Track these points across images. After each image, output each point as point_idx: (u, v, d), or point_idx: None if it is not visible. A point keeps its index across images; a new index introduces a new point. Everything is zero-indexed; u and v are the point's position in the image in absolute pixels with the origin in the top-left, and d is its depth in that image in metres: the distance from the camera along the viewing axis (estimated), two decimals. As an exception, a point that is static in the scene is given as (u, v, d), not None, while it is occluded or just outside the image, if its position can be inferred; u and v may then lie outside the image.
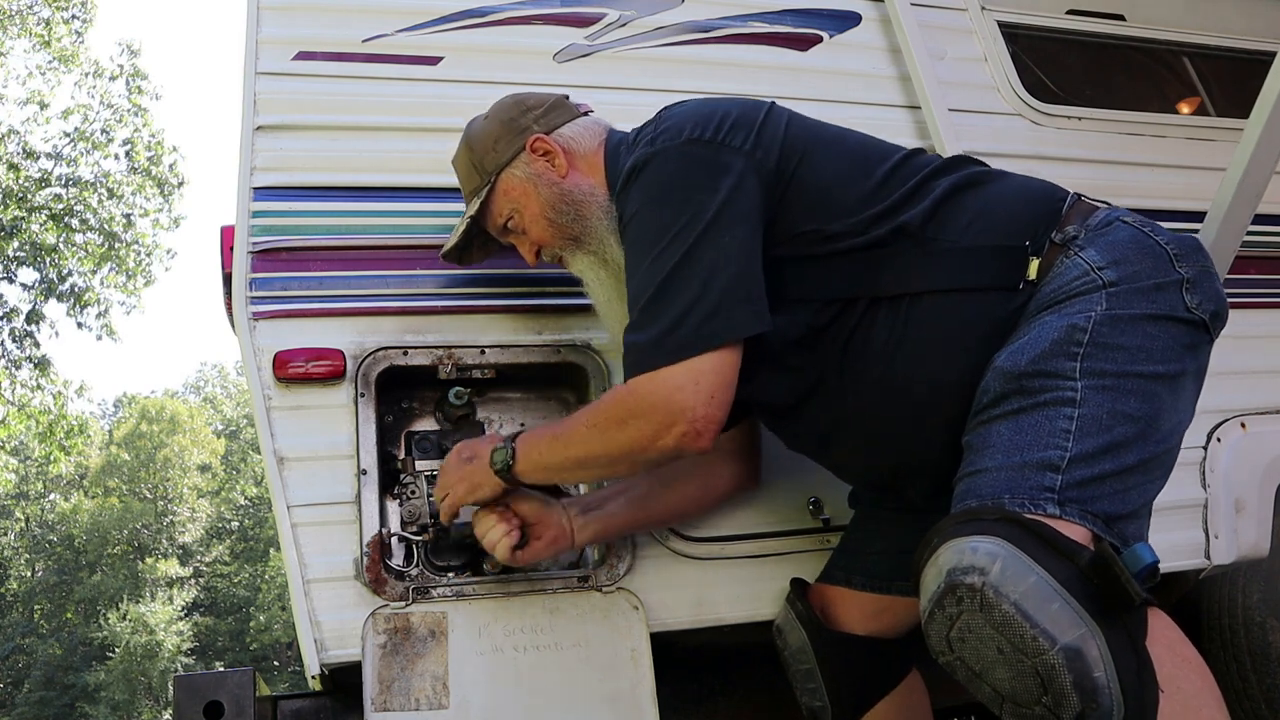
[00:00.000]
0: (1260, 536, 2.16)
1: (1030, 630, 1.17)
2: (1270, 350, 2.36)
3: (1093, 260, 1.43)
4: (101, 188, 12.51)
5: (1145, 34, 2.86)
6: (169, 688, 15.95)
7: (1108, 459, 1.30)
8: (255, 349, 1.80)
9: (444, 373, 1.88)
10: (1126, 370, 1.35)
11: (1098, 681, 1.16)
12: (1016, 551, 1.21)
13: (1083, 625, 1.17)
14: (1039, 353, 1.36)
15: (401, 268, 1.94)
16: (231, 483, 31.38)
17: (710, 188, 1.49)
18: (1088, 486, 1.28)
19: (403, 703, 1.62)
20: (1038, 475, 1.28)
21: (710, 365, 1.43)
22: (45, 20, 12.40)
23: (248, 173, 1.94)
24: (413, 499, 1.82)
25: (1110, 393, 1.33)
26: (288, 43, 2.07)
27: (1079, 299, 1.41)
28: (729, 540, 1.90)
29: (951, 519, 1.31)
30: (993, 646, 1.21)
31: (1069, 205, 1.54)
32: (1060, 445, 1.30)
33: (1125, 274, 1.41)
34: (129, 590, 25.66)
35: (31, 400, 11.76)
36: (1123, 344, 1.36)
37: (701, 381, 1.42)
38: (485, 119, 1.78)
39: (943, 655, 1.28)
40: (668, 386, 1.42)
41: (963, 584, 1.22)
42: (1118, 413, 1.32)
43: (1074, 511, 1.26)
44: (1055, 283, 1.45)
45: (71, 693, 24.23)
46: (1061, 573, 1.19)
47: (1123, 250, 1.44)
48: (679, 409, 1.42)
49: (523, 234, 1.76)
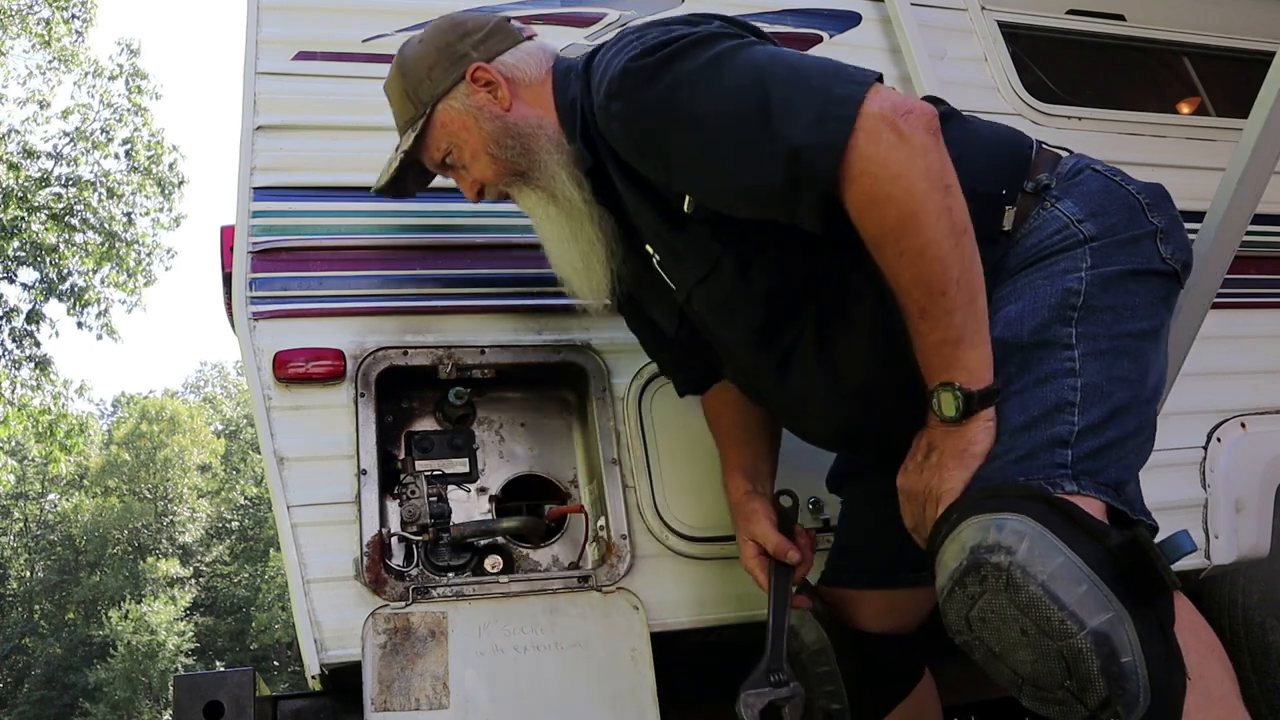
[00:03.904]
0: (1260, 536, 2.16)
1: (1058, 613, 1.13)
2: (1270, 350, 2.36)
3: (1071, 213, 1.39)
4: (101, 187, 12.53)
5: (1145, 34, 2.86)
6: (169, 687, 15.94)
7: (1112, 426, 1.27)
8: (255, 349, 1.80)
9: (444, 373, 1.88)
10: (1117, 332, 1.32)
11: (1125, 667, 1.12)
12: (1044, 530, 1.16)
13: (1111, 609, 1.13)
14: (1038, 322, 1.32)
15: (401, 268, 1.94)
16: (231, 483, 31.38)
17: (723, 34, 1.37)
18: (1097, 457, 1.25)
19: (403, 703, 1.62)
20: (1048, 453, 1.24)
21: (875, 93, 1.24)
22: (45, 20, 12.41)
23: (248, 173, 1.94)
24: (413, 499, 1.82)
25: (1106, 357, 1.30)
26: (288, 43, 2.07)
27: (1063, 256, 1.36)
28: (729, 540, 1.90)
29: (973, 494, 1.26)
30: (1016, 628, 1.17)
31: (1036, 152, 1.48)
32: (1068, 420, 1.26)
33: (1104, 226, 1.38)
34: (129, 590, 25.66)
35: (31, 400, 11.76)
36: (1112, 304, 1.33)
37: (883, 97, 1.24)
38: (420, 42, 1.63)
39: (960, 635, 1.25)
40: (869, 128, 1.22)
41: (988, 562, 1.18)
42: (1115, 377, 1.30)
43: (1088, 485, 1.23)
44: (1034, 237, 1.40)
45: (72, 692, 24.23)
46: (1090, 554, 1.15)
47: (1098, 201, 1.40)
48: (891, 112, 1.23)
49: (463, 169, 1.63)
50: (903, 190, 1.22)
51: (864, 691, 1.66)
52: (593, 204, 1.55)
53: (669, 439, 1.95)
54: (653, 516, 1.88)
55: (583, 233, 1.56)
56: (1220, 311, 1.93)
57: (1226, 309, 2.20)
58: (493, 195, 1.64)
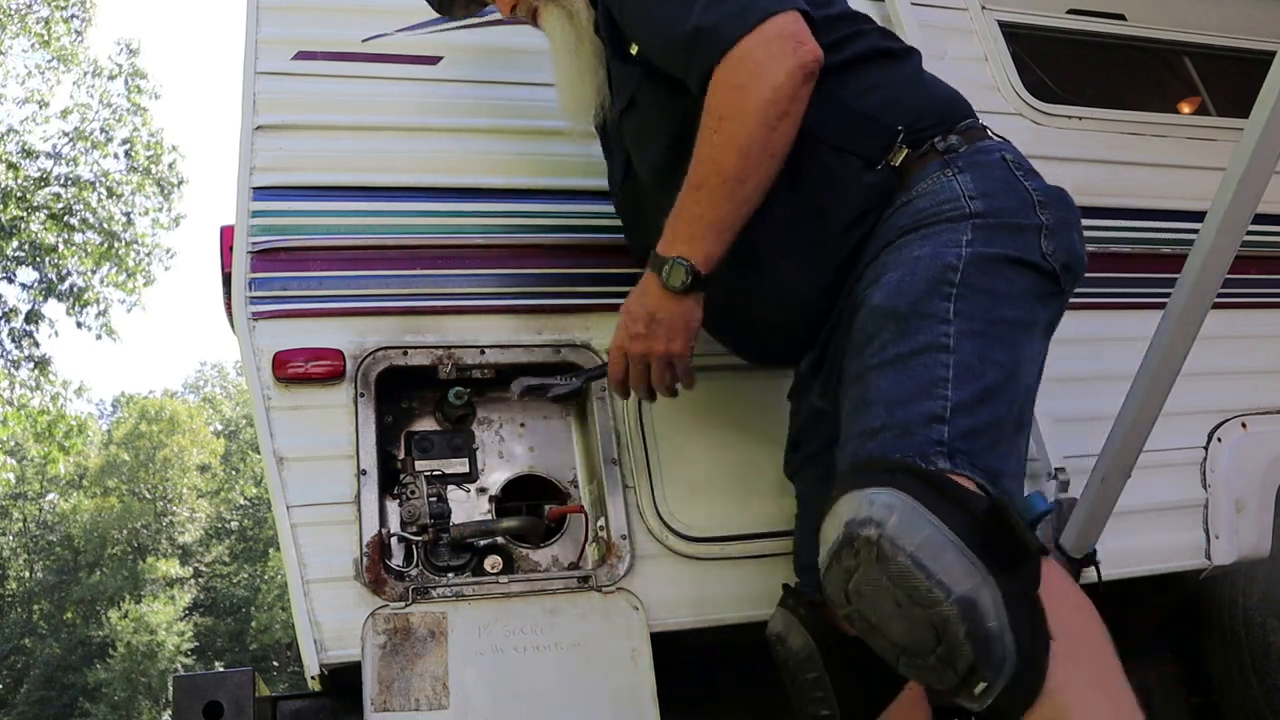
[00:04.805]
0: (1261, 537, 2.16)
1: (925, 582, 1.16)
2: (1270, 350, 2.36)
3: (966, 187, 1.45)
4: (101, 187, 12.52)
5: (1146, 34, 2.86)
6: (169, 688, 15.96)
7: (983, 408, 1.30)
8: (255, 349, 1.80)
9: (444, 373, 1.88)
10: (992, 316, 1.36)
11: (991, 631, 1.15)
12: (913, 502, 1.20)
13: (976, 574, 1.16)
14: (917, 294, 1.36)
15: (401, 268, 1.94)
16: (231, 483, 31.36)
17: None
18: (970, 438, 1.28)
19: (402, 703, 1.61)
20: (925, 429, 1.28)
21: (790, 16, 1.43)
22: (45, 19, 12.40)
23: (247, 173, 1.94)
24: (413, 499, 1.82)
25: (980, 338, 1.34)
26: (288, 42, 2.07)
27: (946, 226, 1.42)
28: (729, 540, 1.90)
29: (850, 470, 1.31)
30: (889, 599, 1.20)
31: (967, 124, 1.55)
32: (941, 395, 1.29)
33: (991, 208, 1.43)
34: (129, 590, 25.65)
35: (30, 400, 11.76)
36: (988, 287, 1.37)
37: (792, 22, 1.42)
38: None
39: (842, 608, 1.28)
40: (766, 34, 1.41)
41: (860, 536, 1.21)
42: (987, 359, 1.33)
43: (963, 464, 1.26)
44: (926, 200, 1.46)
45: (71, 692, 24.22)
46: (957, 523, 1.19)
47: (994, 184, 1.46)
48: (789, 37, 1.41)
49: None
50: (751, 88, 1.40)
51: (852, 696, 1.66)
52: (596, 33, 1.71)
53: (669, 439, 1.95)
54: (653, 517, 1.87)
55: (584, 51, 1.74)
56: (1220, 311, 1.93)
57: (1226, 309, 2.19)
58: (523, 11, 1.80)
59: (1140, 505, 1.48)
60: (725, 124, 1.42)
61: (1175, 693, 2.29)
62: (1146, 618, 2.22)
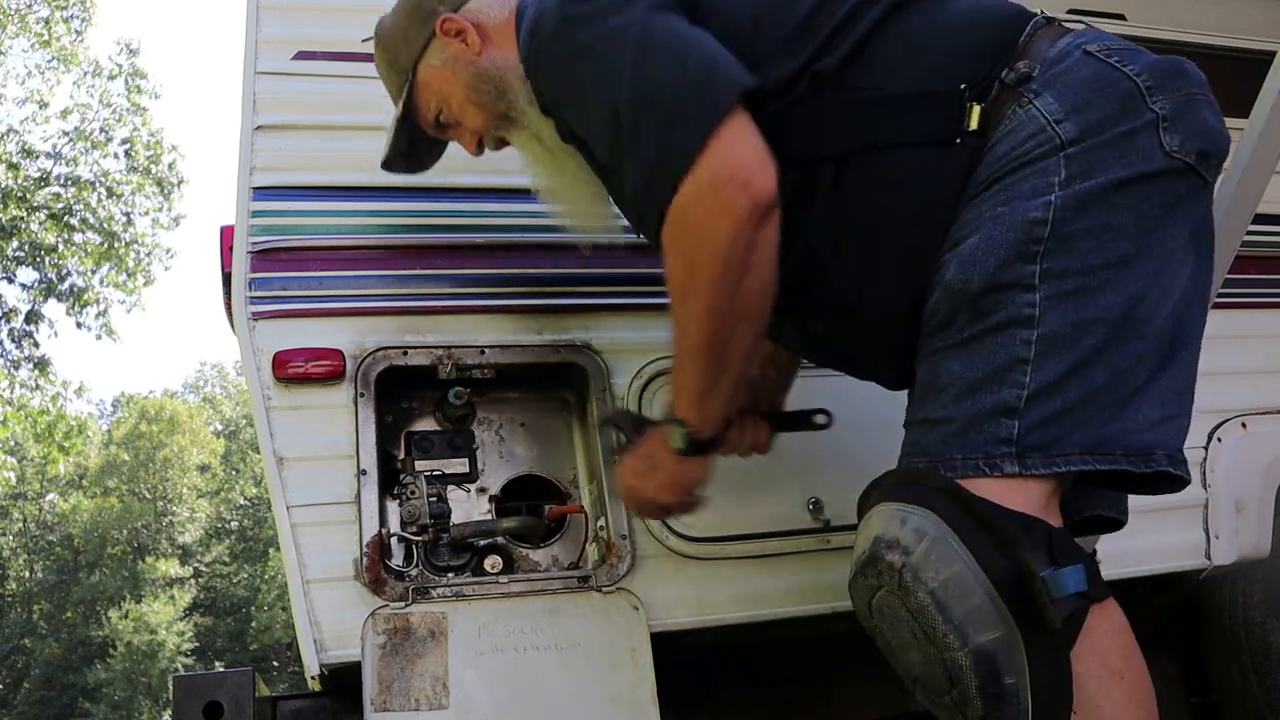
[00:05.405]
0: (1261, 537, 2.16)
1: (943, 625, 1.08)
2: (1271, 350, 2.36)
3: (1050, 111, 1.19)
4: (101, 187, 12.52)
5: (1146, 34, 2.85)
6: (169, 687, 15.95)
7: (1073, 385, 1.12)
8: (255, 349, 1.80)
9: (444, 373, 1.88)
10: (1093, 263, 1.14)
11: (1006, 690, 1.07)
12: (948, 532, 1.09)
13: (1002, 628, 1.06)
14: (995, 264, 1.16)
15: (401, 268, 1.94)
16: (231, 483, 31.36)
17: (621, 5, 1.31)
18: (1051, 425, 1.12)
19: (402, 703, 1.61)
20: (992, 425, 1.13)
21: (726, 137, 1.19)
22: (45, 19, 12.41)
23: (247, 172, 1.94)
24: (412, 499, 1.82)
25: (1074, 298, 1.14)
26: (288, 42, 2.07)
27: (1031, 170, 1.18)
28: (729, 540, 1.90)
29: (894, 476, 1.20)
30: (907, 629, 1.13)
31: (1030, 33, 1.27)
32: (1017, 381, 1.13)
33: (1085, 124, 1.18)
34: (129, 590, 25.65)
35: (30, 400, 11.76)
36: (1089, 228, 1.15)
37: (727, 153, 1.19)
38: (392, 14, 1.65)
39: (865, 620, 1.22)
40: (698, 182, 1.19)
41: (883, 559, 1.13)
42: (1084, 320, 1.13)
43: (1038, 462, 1.11)
44: (1006, 143, 1.21)
45: (71, 692, 24.22)
46: (993, 565, 1.07)
47: (1082, 92, 1.20)
48: (725, 182, 1.18)
49: (458, 125, 1.63)
50: (699, 260, 1.22)
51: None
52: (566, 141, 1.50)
53: (669, 439, 1.94)
54: (653, 517, 1.87)
55: (566, 165, 1.55)
56: (1220, 311, 1.92)
57: (1226, 309, 2.19)
58: (491, 144, 1.65)
59: (1140, 505, 1.47)
60: (687, 299, 1.26)
61: (1175, 693, 2.29)
62: (1146, 618, 2.20)
